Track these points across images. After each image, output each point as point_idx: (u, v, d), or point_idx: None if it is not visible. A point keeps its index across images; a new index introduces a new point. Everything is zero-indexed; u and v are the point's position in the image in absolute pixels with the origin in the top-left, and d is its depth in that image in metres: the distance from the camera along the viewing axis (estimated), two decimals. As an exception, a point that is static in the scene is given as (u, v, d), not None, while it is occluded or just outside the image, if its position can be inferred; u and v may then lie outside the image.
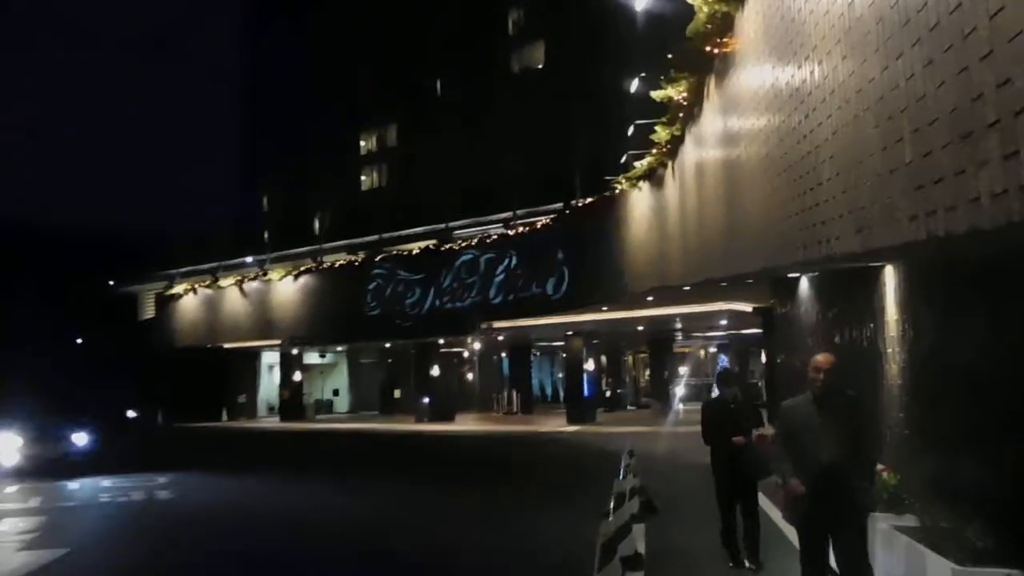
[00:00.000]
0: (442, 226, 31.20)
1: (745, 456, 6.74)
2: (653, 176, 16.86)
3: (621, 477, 9.08)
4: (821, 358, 4.67)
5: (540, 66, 44.81)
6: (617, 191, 19.42)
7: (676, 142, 13.59)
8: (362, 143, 54.84)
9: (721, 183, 10.12)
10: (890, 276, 7.08)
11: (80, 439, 17.83)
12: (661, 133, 13.00)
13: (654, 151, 15.15)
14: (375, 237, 33.84)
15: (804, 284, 8.79)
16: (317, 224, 58.14)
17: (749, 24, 8.20)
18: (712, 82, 10.38)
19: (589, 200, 20.90)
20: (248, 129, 56.94)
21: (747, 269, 9.92)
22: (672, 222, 15.68)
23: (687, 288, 16.48)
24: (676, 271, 15.57)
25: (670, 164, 15.49)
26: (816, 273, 8.52)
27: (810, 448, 4.49)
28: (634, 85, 17.00)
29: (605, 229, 20.25)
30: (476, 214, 32.26)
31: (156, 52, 66.83)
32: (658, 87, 13.08)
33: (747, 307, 21.81)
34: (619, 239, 19.54)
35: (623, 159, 16.31)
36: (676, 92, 10.60)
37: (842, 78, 5.20)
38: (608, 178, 18.18)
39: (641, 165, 15.93)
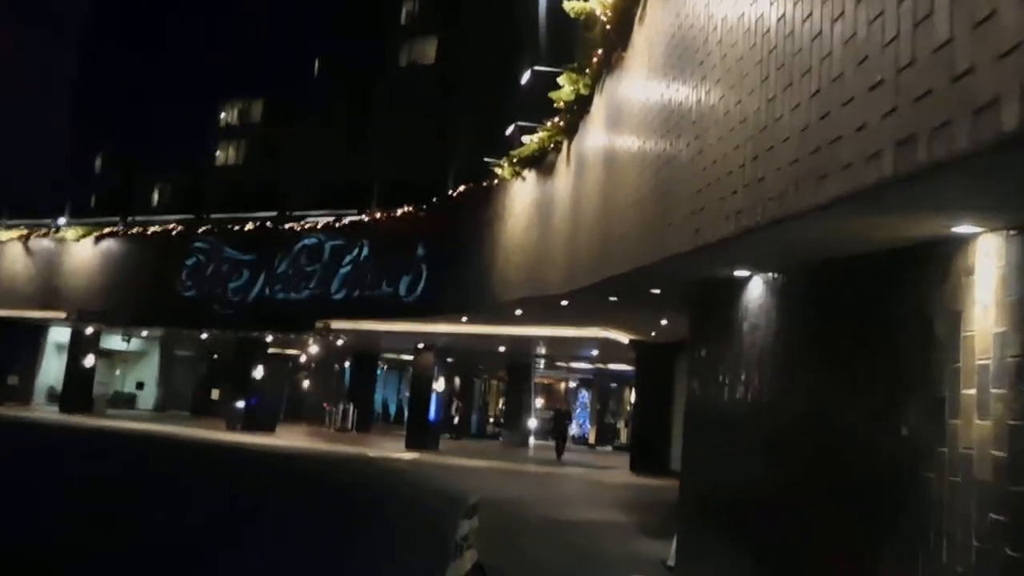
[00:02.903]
0: (287, 215, 26.99)
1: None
2: (542, 162, 13.78)
3: (455, 552, 5.94)
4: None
5: (430, 63, 42.16)
6: (495, 182, 16.24)
7: (580, 108, 10.53)
8: (222, 115, 49.82)
9: (642, 172, 7.16)
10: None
11: None
12: (565, 88, 9.86)
13: (548, 124, 12.05)
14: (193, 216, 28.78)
15: (756, 290, 5.94)
16: (156, 195, 51.95)
17: None
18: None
19: (461, 189, 17.54)
20: (92, 84, 50.25)
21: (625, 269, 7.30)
22: (559, 220, 12.63)
23: (565, 303, 13.46)
24: (555, 280, 12.49)
25: (566, 146, 12.45)
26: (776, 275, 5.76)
27: None
28: (524, 77, 14.04)
29: (476, 225, 16.97)
30: (333, 208, 28.37)
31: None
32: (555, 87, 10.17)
33: (623, 337, 19.22)
34: (491, 238, 16.30)
35: (509, 130, 13.12)
36: (600, 5, 7.45)
37: None
38: (487, 160, 14.93)
39: (530, 142, 12.78)
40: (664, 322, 15.57)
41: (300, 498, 11.14)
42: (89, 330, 29.64)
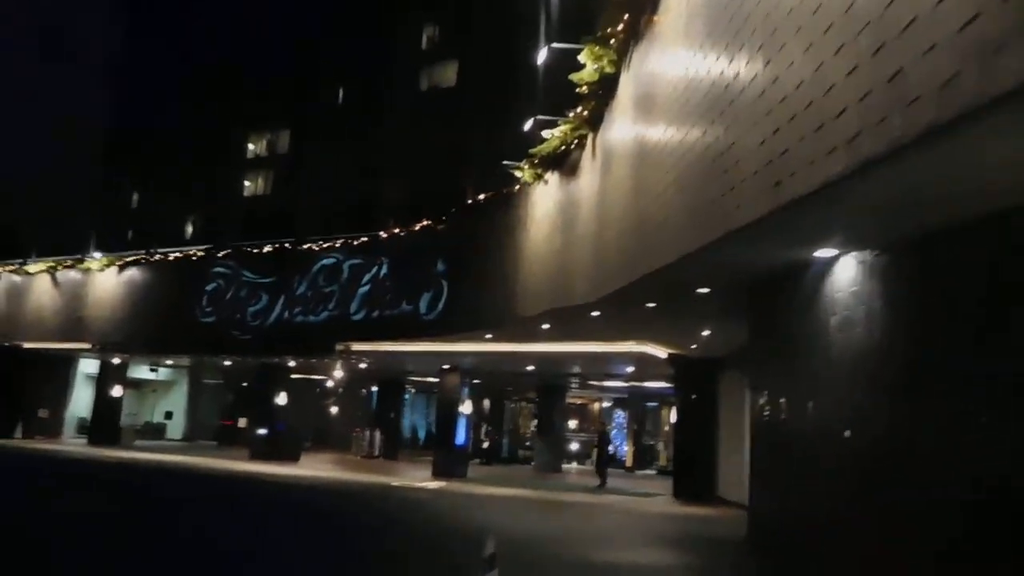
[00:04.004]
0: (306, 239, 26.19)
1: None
2: (565, 162, 12.67)
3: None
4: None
5: (451, 85, 41.69)
6: (516, 188, 15.16)
7: (606, 91, 9.39)
8: (250, 146, 50.28)
9: (685, 139, 5.97)
10: None
11: None
12: (587, 67, 8.72)
13: (571, 115, 10.92)
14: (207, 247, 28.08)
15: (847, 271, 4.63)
16: (190, 228, 52.45)
17: None
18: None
19: (480, 197, 16.47)
20: (124, 121, 51.23)
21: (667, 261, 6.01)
22: (584, 222, 11.49)
23: (595, 314, 12.25)
24: (581, 288, 11.32)
25: (590, 140, 11.33)
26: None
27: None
28: (541, 56, 13.01)
29: (497, 234, 15.87)
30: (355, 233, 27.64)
31: (26, 37, 59.70)
32: (576, 66, 9.01)
33: (661, 352, 17.87)
34: (513, 248, 15.18)
35: (528, 125, 11.99)
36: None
37: None
38: (506, 163, 13.84)
39: (551, 137, 11.66)
40: (706, 333, 14.25)
41: (294, 540, 10.02)
42: (116, 360, 29.15)
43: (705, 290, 8.06)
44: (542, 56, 9.50)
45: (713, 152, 5.20)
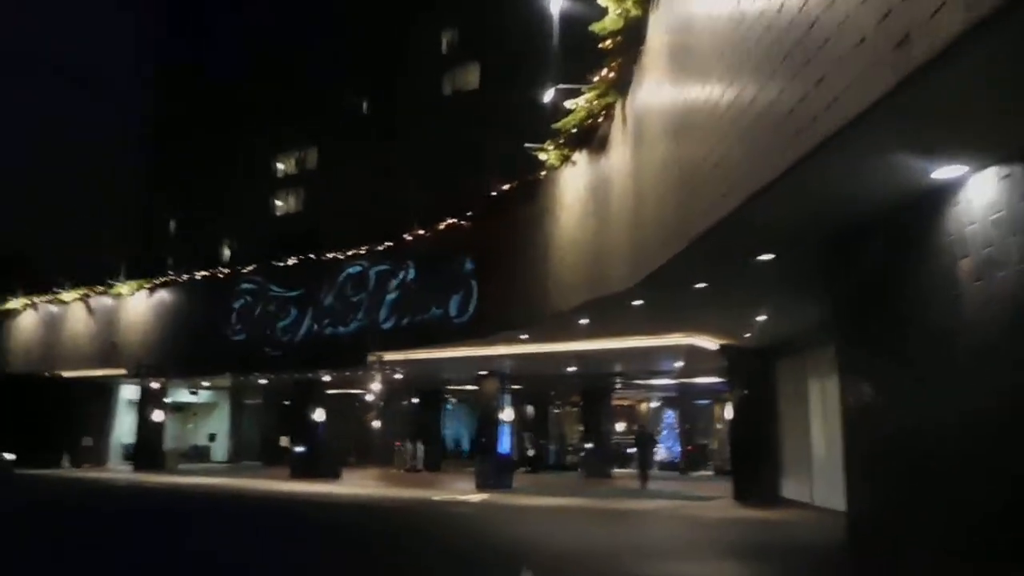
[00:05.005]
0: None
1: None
2: (593, 137, 11.53)
3: None
4: None
5: (474, 89, 40.94)
6: (542, 174, 14.07)
7: (632, 42, 8.24)
8: (280, 165, 50.40)
9: (742, 42, 4.81)
10: None
11: None
12: (609, 14, 7.58)
13: (595, 79, 9.79)
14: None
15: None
16: (227, 251, 52.83)
17: None
18: None
19: (505, 187, 15.41)
20: (159, 147, 52.02)
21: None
22: (619, 200, 10.35)
23: (637, 303, 11.08)
24: (619, 273, 10.17)
25: (619, 107, 10.18)
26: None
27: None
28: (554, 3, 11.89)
29: (525, 226, 14.79)
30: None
31: (55, 69, 61.14)
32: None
33: (711, 343, 16.55)
34: (543, 238, 14.08)
35: (548, 95, 10.89)
36: None
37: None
38: (529, 146, 12.76)
39: (576, 107, 10.54)
40: (762, 318, 12.93)
41: (315, 568, 9.04)
42: (154, 385, 28.86)
43: (767, 256, 6.84)
44: (556, 4, 8.42)
45: (790, 29, 4.00)
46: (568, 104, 10.44)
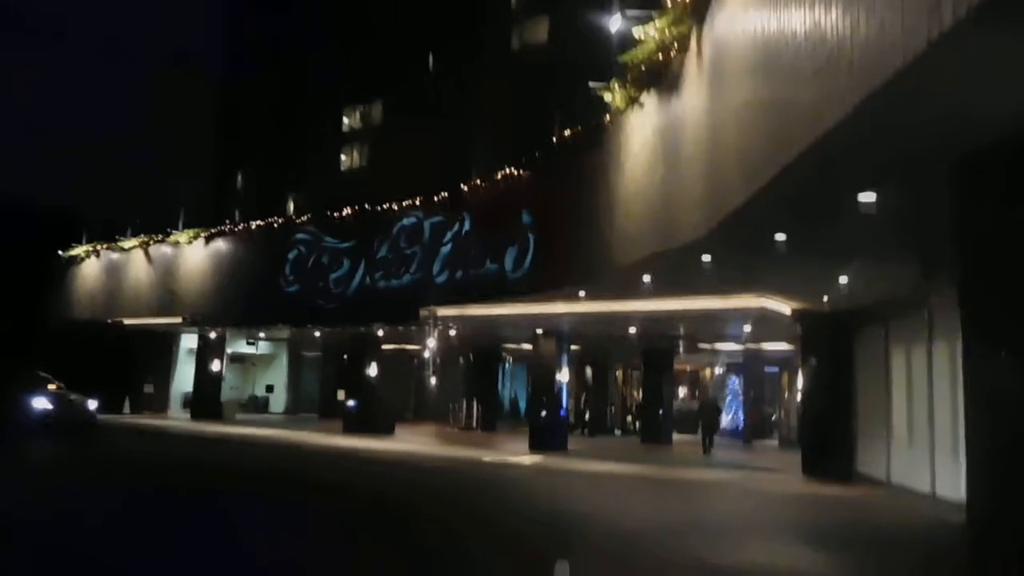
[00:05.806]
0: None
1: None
2: (664, 75, 10.34)
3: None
4: None
5: (542, 42, 39.46)
6: (607, 119, 12.94)
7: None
8: (345, 120, 50.09)
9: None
10: None
11: None
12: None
13: (668, 4, 8.61)
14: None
15: None
16: (291, 206, 53.28)
17: None
18: None
19: (567, 133, 14.34)
20: (227, 104, 52.43)
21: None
22: (692, 142, 9.24)
23: (706, 258, 10.01)
24: (690, 220, 9.12)
25: (694, 37, 8.99)
26: None
27: None
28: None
29: (588, 176, 13.75)
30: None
31: (124, 28, 62.26)
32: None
33: (784, 306, 15.31)
34: (607, 188, 13.02)
35: (615, 25, 9.75)
36: None
37: None
38: (593, 84, 11.65)
39: (645, 39, 9.39)
40: (844, 279, 11.68)
41: (351, 528, 8.46)
42: (213, 335, 29.12)
43: (869, 197, 5.72)
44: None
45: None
46: (637, 33, 9.30)
